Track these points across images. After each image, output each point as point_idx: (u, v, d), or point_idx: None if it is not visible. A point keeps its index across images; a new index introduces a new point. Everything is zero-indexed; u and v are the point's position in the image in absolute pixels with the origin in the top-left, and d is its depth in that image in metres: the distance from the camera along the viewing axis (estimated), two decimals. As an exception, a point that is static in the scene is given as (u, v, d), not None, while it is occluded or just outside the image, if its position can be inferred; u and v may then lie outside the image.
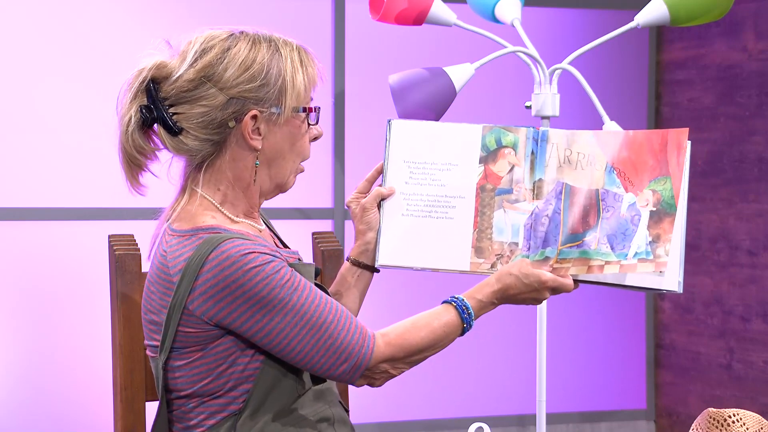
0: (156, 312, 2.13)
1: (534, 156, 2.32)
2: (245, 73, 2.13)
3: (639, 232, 2.25)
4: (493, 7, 3.48)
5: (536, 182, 2.31)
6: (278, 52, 2.15)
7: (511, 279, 2.21)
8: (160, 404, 2.16)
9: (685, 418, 4.95)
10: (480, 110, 4.79)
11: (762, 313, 4.59)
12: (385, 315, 3.44)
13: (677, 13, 3.33)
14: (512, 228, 2.30)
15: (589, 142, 2.30)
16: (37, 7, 4.28)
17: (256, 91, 2.13)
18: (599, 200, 2.28)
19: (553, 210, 2.29)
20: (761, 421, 2.12)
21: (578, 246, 2.25)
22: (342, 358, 2.10)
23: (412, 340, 2.15)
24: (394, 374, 2.17)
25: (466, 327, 2.19)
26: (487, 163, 2.33)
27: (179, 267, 2.09)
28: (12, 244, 4.28)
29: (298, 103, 2.17)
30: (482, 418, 4.78)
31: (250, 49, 2.14)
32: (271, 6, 4.50)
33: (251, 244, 2.08)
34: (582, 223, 2.26)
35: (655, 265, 2.24)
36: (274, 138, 2.17)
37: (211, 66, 2.13)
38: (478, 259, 2.31)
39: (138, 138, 2.15)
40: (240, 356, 2.12)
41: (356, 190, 2.41)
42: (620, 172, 2.28)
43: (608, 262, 2.24)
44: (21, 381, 4.29)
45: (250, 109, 2.13)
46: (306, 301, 2.09)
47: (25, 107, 4.29)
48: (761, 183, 4.59)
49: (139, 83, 2.15)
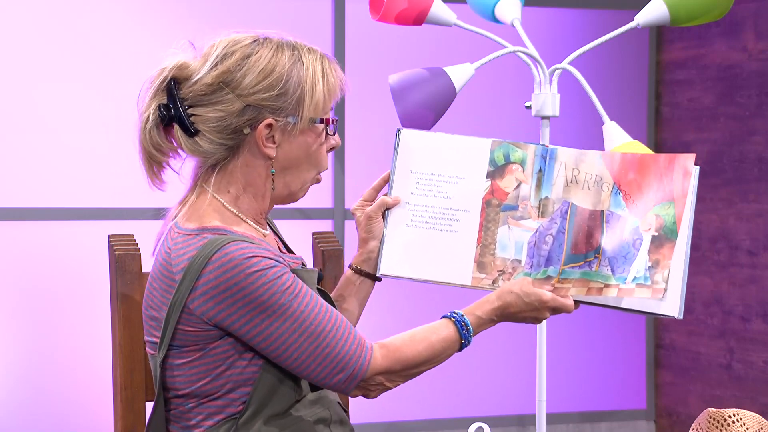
0: (157, 308, 2.14)
1: (541, 174, 2.30)
2: (263, 81, 2.12)
3: (639, 256, 2.23)
4: (493, 7, 3.47)
5: (542, 200, 2.30)
6: (300, 60, 2.14)
7: (511, 297, 2.20)
8: (156, 401, 2.16)
9: (685, 418, 4.95)
10: (480, 110, 4.79)
11: (762, 313, 4.59)
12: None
13: (677, 13, 3.33)
14: (516, 245, 2.29)
15: (597, 163, 2.29)
16: (37, 7, 4.28)
17: (273, 100, 2.12)
18: (603, 222, 2.26)
19: (557, 229, 2.27)
20: (761, 421, 2.12)
21: (580, 267, 2.24)
22: (338, 367, 2.10)
23: (409, 353, 2.15)
24: (389, 387, 2.16)
25: (465, 343, 2.18)
26: (494, 178, 2.32)
27: (182, 265, 2.09)
28: (12, 244, 4.29)
29: (316, 114, 2.15)
30: (482, 418, 4.78)
31: (272, 57, 2.13)
32: (271, 6, 4.50)
33: (255, 247, 2.08)
34: (585, 244, 2.25)
35: (653, 291, 2.22)
36: (289, 147, 2.16)
37: (230, 72, 2.12)
38: (480, 274, 2.29)
39: (155, 135, 2.15)
40: (238, 359, 2.11)
41: (362, 197, 2.38)
42: (626, 195, 2.27)
43: (607, 284, 2.23)
44: (21, 381, 4.29)
45: (266, 117, 2.12)
46: (306, 309, 2.08)
47: (26, 107, 4.29)
48: (761, 183, 4.59)
49: (159, 82, 2.14)
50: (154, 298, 2.15)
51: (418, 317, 2.29)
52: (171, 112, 2.13)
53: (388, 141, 4.66)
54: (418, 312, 4.66)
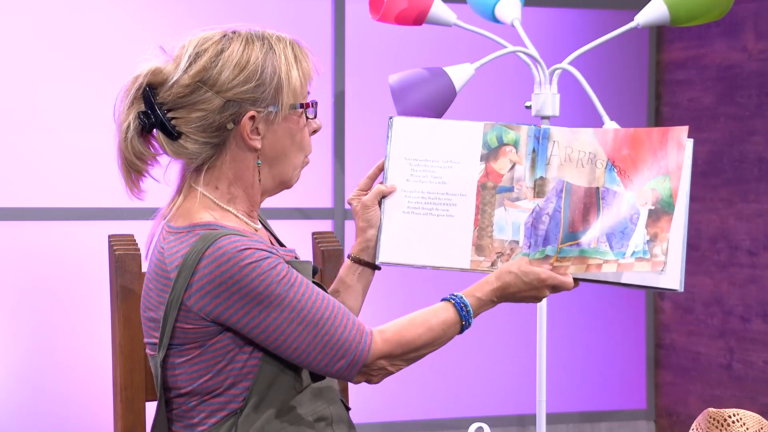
0: (154, 309, 2.14)
1: (535, 154, 2.32)
2: (240, 75, 2.12)
3: (637, 231, 2.24)
4: (493, 7, 3.48)
5: (537, 180, 2.31)
6: (272, 49, 2.15)
7: (510, 277, 2.21)
8: (159, 402, 2.16)
9: (685, 418, 4.95)
10: (480, 110, 4.78)
11: (762, 313, 4.59)
12: (385, 313, 3.44)
13: (677, 13, 3.33)
14: (513, 226, 2.30)
15: (590, 140, 2.30)
16: (37, 7, 4.28)
17: (252, 92, 2.13)
18: (599, 198, 2.27)
19: (553, 208, 2.28)
20: (761, 421, 2.12)
21: (578, 245, 2.25)
22: (339, 354, 2.10)
23: (409, 337, 2.15)
24: (391, 371, 2.17)
25: (465, 325, 2.19)
26: (488, 160, 2.33)
27: (176, 263, 2.09)
28: (12, 244, 4.29)
29: (296, 100, 2.17)
30: (482, 418, 4.78)
31: (244, 50, 2.13)
32: (271, 6, 4.50)
33: (248, 240, 2.08)
34: (582, 222, 2.26)
35: (652, 264, 2.23)
36: (274, 136, 2.17)
37: (206, 70, 2.12)
38: (479, 257, 2.30)
39: (137, 144, 2.15)
40: (238, 353, 2.12)
41: (358, 187, 2.41)
42: (620, 170, 2.28)
43: (606, 260, 2.24)
44: (21, 381, 4.29)
45: (248, 110, 2.13)
46: (303, 298, 2.09)
47: (26, 107, 4.29)
48: (761, 183, 4.59)
49: (135, 90, 2.14)
50: (151, 299, 2.15)
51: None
52: (151, 118, 2.14)
53: (388, 141, 4.66)
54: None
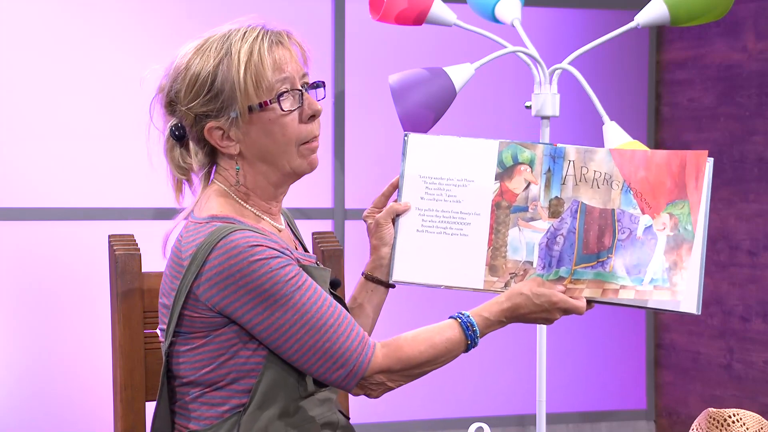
0: (167, 295, 2.15)
1: (550, 173, 2.28)
2: (192, 91, 2.14)
3: (656, 257, 2.21)
4: (493, 7, 3.48)
5: (552, 200, 2.27)
6: (228, 53, 2.14)
7: (521, 298, 2.19)
8: (160, 389, 2.17)
9: (685, 418, 4.95)
10: (480, 110, 4.79)
11: (762, 313, 4.59)
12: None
13: (677, 13, 3.33)
14: (527, 246, 2.27)
15: (606, 160, 2.26)
16: (37, 8, 4.28)
17: (206, 104, 2.14)
18: (615, 221, 2.24)
19: (568, 229, 2.25)
20: (761, 421, 2.12)
21: (592, 267, 2.22)
22: (338, 363, 2.10)
23: (411, 353, 2.14)
24: (391, 387, 2.15)
25: (470, 344, 2.17)
26: (503, 179, 2.30)
27: (190, 252, 2.11)
28: (12, 244, 4.29)
29: (253, 101, 2.13)
30: (482, 418, 4.78)
31: (198, 63, 2.14)
32: (271, 6, 4.50)
33: (261, 237, 2.09)
34: (597, 244, 2.23)
35: (671, 293, 2.20)
36: (249, 138, 2.16)
37: (171, 89, 2.17)
38: (492, 277, 2.28)
39: (176, 153, 2.21)
40: (242, 348, 2.12)
41: (372, 204, 2.37)
42: (637, 193, 2.24)
43: (623, 286, 2.21)
44: (21, 381, 4.29)
45: (207, 123, 2.15)
46: (308, 302, 2.09)
47: (25, 108, 4.29)
48: (761, 183, 4.60)
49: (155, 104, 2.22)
50: (166, 285, 2.17)
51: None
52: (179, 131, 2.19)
53: (389, 141, 4.67)
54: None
